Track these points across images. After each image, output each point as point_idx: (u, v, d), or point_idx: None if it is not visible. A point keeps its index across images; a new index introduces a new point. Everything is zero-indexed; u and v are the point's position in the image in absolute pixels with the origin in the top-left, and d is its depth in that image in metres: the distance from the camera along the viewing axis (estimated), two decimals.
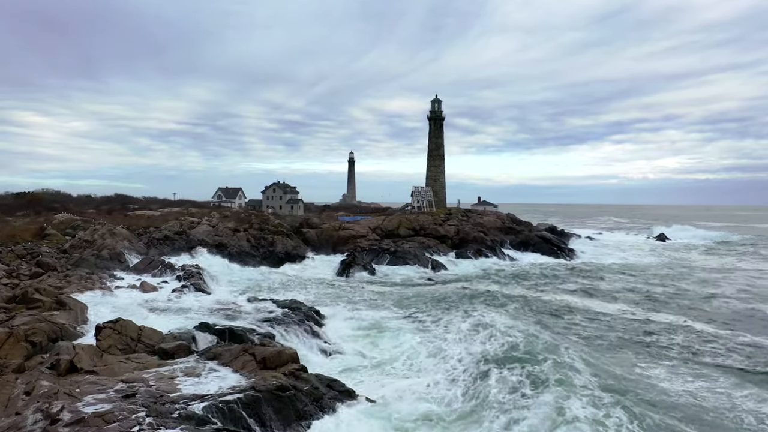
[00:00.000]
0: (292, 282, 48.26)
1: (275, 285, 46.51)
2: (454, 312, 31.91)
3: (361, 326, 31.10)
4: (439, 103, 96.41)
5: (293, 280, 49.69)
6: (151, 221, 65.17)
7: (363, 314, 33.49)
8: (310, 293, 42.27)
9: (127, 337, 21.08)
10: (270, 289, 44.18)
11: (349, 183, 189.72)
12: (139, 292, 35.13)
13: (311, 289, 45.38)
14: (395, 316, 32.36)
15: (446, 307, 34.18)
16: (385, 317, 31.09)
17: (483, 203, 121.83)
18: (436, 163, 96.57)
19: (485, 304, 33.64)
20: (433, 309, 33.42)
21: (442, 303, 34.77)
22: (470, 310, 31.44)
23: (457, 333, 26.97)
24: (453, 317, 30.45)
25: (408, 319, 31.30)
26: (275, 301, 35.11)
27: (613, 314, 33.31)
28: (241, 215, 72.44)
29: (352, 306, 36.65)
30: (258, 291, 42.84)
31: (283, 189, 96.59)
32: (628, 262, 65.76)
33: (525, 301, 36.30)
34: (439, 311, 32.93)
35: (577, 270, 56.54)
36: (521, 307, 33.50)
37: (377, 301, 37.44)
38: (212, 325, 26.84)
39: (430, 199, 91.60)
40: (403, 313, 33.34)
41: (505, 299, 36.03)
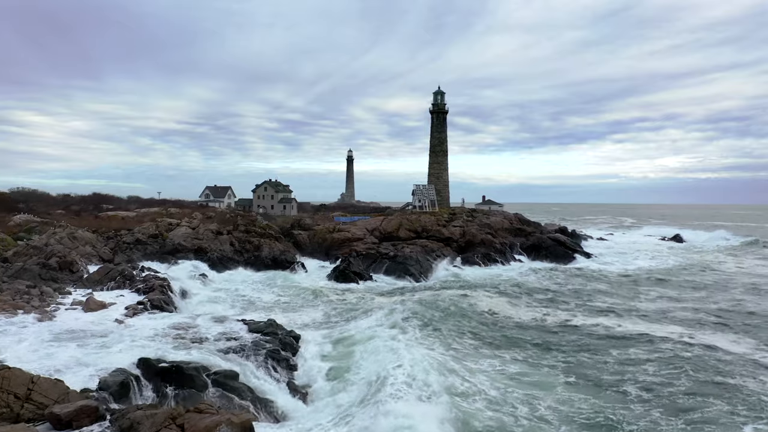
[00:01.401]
0: (276, 293, 41.87)
1: (255, 297, 40.17)
2: (457, 340, 25.47)
3: (344, 354, 24.83)
4: (442, 95, 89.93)
5: (278, 290, 43.30)
6: (124, 223, 58.82)
7: (355, 337, 27.14)
8: (294, 308, 35.87)
9: (10, 395, 14.69)
10: (248, 303, 37.83)
11: (348, 182, 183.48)
12: (80, 312, 28.73)
13: (296, 301, 39.01)
14: (388, 346, 25.97)
15: (455, 333, 27.70)
16: (378, 347, 24.64)
17: (488, 202, 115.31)
18: (438, 159, 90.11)
19: (510, 345, 26.48)
20: (434, 337, 26.91)
21: (453, 331, 28.11)
22: (481, 347, 24.89)
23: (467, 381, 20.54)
24: (465, 354, 24.00)
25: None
26: (248, 322, 28.77)
27: (675, 345, 26.33)
28: (226, 216, 66.07)
29: (342, 325, 30.27)
30: (233, 306, 36.49)
31: (275, 188, 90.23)
32: (654, 267, 59.17)
33: (548, 331, 29.52)
34: (449, 341, 26.45)
35: (601, 279, 49.97)
36: (543, 350, 26.05)
37: (371, 319, 31.02)
38: (156, 361, 20.52)
39: (433, 198, 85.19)
40: (397, 337, 26.96)
41: (523, 331, 29.13)
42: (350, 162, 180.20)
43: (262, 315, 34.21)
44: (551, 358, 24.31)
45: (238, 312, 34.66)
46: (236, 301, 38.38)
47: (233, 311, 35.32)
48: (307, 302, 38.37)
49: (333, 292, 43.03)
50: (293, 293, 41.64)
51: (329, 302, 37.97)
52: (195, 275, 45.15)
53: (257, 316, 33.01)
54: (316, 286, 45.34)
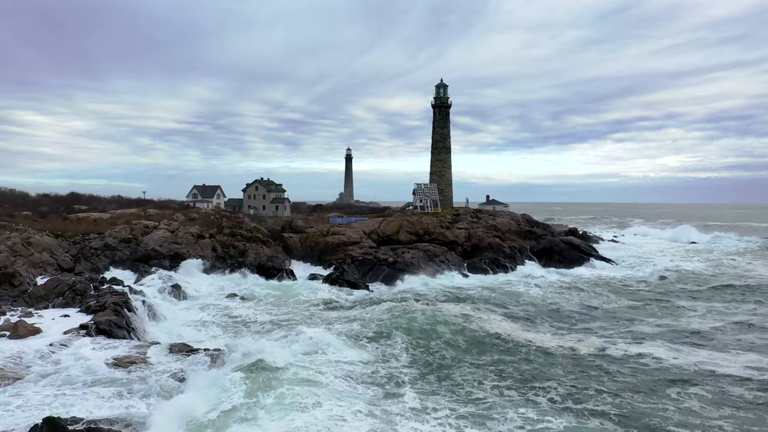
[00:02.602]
0: (258, 306, 36.31)
1: (234, 312, 34.61)
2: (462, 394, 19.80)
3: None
4: (444, 88, 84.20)
5: (260, 302, 37.76)
6: (96, 226, 53.28)
7: (334, 386, 21.57)
8: (271, 327, 30.19)
9: None
10: (222, 321, 32.29)
11: (347, 181, 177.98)
12: (4, 341, 23.19)
13: (279, 314, 33.40)
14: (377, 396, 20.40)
15: (471, 379, 22.10)
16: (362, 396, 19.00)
17: (492, 202, 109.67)
18: (441, 156, 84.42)
19: (541, 386, 20.70)
20: (444, 391, 21.27)
21: (469, 377, 22.34)
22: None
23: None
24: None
25: (391, 401, 19.17)
26: (212, 353, 23.23)
27: (750, 383, 20.55)
28: (210, 218, 60.52)
29: (327, 357, 24.74)
30: (203, 326, 30.97)
31: (267, 187, 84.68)
32: (681, 273, 53.22)
33: (585, 365, 23.68)
34: (467, 388, 20.83)
35: (629, 290, 44.24)
36: (584, 391, 19.80)
37: (360, 345, 25.49)
38: (66, 423, 15.05)
39: (435, 198, 79.60)
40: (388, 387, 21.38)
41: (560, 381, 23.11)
42: (349, 161, 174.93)
43: (238, 331, 28.85)
44: (598, 402, 18.76)
45: (207, 335, 29.17)
46: (208, 317, 32.87)
47: (204, 332, 29.88)
48: (291, 315, 32.75)
49: (322, 302, 37.54)
50: (276, 305, 36.05)
51: (317, 315, 32.38)
52: (167, 287, 39.54)
53: (234, 333, 27.64)
54: (304, 296, 39.87)
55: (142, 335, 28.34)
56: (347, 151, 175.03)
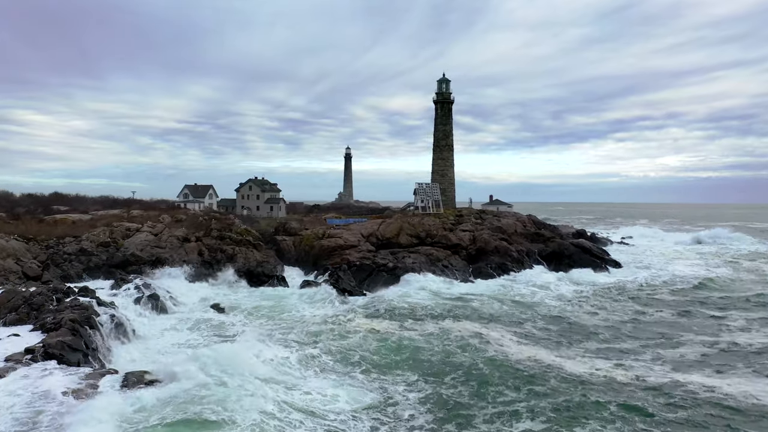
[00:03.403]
0: (245, 322, 32.53)
1: (218, 329, 30.85)
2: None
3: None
4: (447, 83, 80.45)
5: (249, 316, 33.95)
6: (74, 228, 49.51)
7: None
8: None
9: None
10: (203, 339, 28.54)
11: (346, 180, 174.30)
12: None
13: (266, 331, 29.55)
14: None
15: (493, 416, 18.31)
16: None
17: (495, 202, 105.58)
18: (443, 155, 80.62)
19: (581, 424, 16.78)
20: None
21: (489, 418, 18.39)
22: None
23: None
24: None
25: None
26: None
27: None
28: (198, 219, 56.77)
29: (308, 400, 20.96)
30: (180, 347, 27.16)
31: (261, 186, 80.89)
32: (704, 279, 49.13)
33: (626, 395, 19.51)
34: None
35: (653, 299, 40.41)
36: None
37: (355, 379, 21.68)
38: None
39: (437, 198, 75.85)
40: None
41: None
42: (348, 160, 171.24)
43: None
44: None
45: (173, 357, 25.31)
46: (197, 336, 29.05)
47: (171, 355, 26.00)
48: (277, 332, 28.94)
49: (315, 312, 33.76)
50: (264, 319, 32.24)
51: (306, 330, 28.57)
52: (143, 298, 35.75)
53: (206, 359, 23.84)
54: (296, 307, 36.12)
55: (105, 358, 24.62)
56: (347, 150, 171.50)
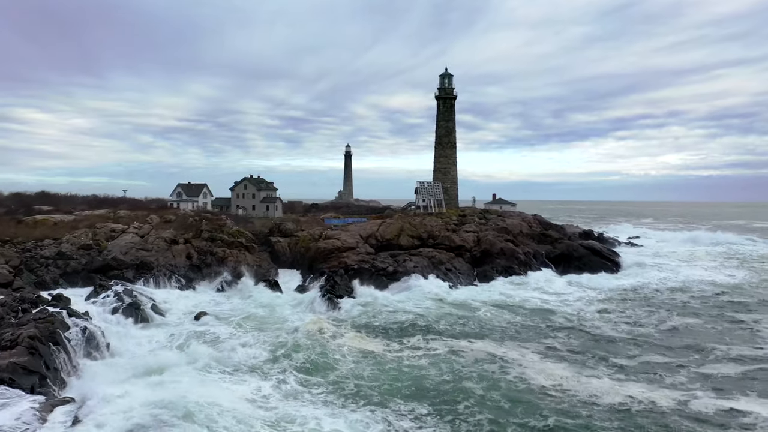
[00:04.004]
0: (233, 334, 29.68)
1: (197, 338, 28.00)
2: None
3: None
4: (449, 78, 77.49)
5: (239, 327, 31.07)
6: (55, 230, 46.70)
7: None
8: (236, 366, 23.47)
9: None
10: (180, 358, 25.65)
11: (346, 179, 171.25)
12: None
13: (254, 346, 26.68)
14: None
15: None
16: None
17: (499, 201, 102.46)
18: (446, 152, 77.69)
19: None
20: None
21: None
22: None
23: None
24: None
25: None
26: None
27: None
28: (188, 220, 53.94)
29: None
30: (147, 367, 24.21)
31: (257, 185, 78.03)
32: (726, 284, 46.20)
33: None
34: None
35: (676, 303, 37.54)
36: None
37: (354, 413, 18.78)
38: None
39: (439, 197, 72.98)
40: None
41: None
42: (348, 158, 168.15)
43: (190, 374, 22.07)
44: None
45: (170, 378, 22.44)
46: (184, 350, 26.04)
47: (156, 378, 23.13)
48: (261, 350, 26.07)
49: (308, 323, 30.88)
50: (253, 329, 29.39)
51: (294, 345, 25.71)
52: (122, 306, 32.92)
53: (180, 379, 20.98)
54: (288, 316, 33.28)
55: (68, 380, 21.83)
56: (346, 148, 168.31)
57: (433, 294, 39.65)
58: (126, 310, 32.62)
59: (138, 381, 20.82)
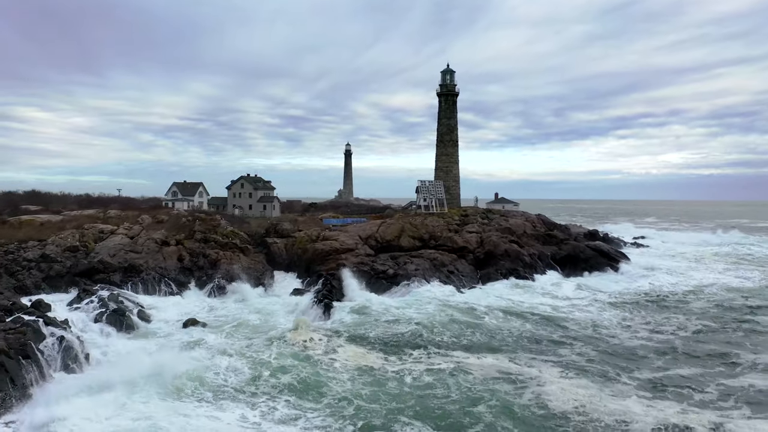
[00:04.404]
0: (223, 344, 27.74)
1: (191, 354, 26.03)
2: None
3: None
4: (451, 75, 75.47)
5: (230, 337, 29.12)
6: (41, 231, 44.77)
7: None
8: (220, 390, 21.48)
9: None
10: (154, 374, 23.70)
11: (346, 178, 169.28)
12: None
13: (237, 361, 24.65)
14: None
15: None
16: None
17: (501, 200, 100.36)
18: (448, 150, 75.73)
19: None
20: None
21: None
22: None
23: None
24: None
25: None
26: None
27: None
28: (181, 220, 51.98)
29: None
30: (135, 382, 22.27)
31: (254, 184, 76.09)
32: (746, 290, 44.06)
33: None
34: None
35: (695, 308, 35.54)
36: None
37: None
38: None
39: (441, 197, 71.02)
40: None
41: None
42: (348, 156, 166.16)
43: (170, 395, 20.15)
44: None
45: (143, 397, 20.49)
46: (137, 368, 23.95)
47: (137, 397, 21.19)
48: (245, 366, 24.09)
49: (299, 349, 28.91)
50: (243, 339, 27.46)
51: (284, 362, 23.75)
52: (107, 313, 31.00)
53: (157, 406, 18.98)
54: (281, 323, 31.28)
55: (35, 398, 19.90)
56: (346, 147, 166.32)
57: (436, 299, 37.62)
58: (110, 318, 30.75)
59: (99, 400, 18.91)
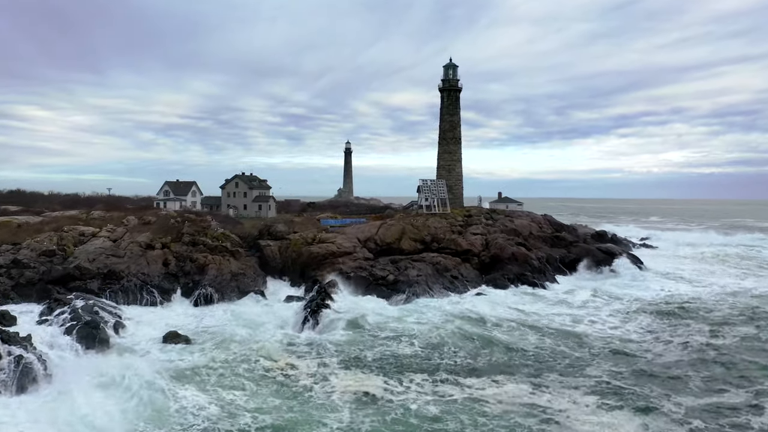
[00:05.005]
0: (203, 362, 24.87)
1: (164, 376, 23.15)
2: None
3: None
4: (454, 69, 72.45)
5: (206, 355, 26.23)
6: (15, 234, 41.89)
7: None
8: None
9: None
10: (137, 398, 20.82)
11: (346, 176, 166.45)
12: None
13: (207, 400, 21.71)
14: None
15: None
16: None
17: (505, 200, 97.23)
18: (450, 148, 72.74)
19: None
20: None
21: None
22: None
23: None
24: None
25: None
26: None
27: None
28: (169, 221, 49.07)
29: None
30: (94, 413, 19.42)
31: (249, 183, 73.19)
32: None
33: None
34: None
35: (719, 316, 32.72)
36: None
37: None
38: None
39: (444, 196, 68.09)
40: None
41: None
42: (348, 155, 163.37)
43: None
44: None
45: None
46: (129, 395, 20.98)
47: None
48: (224, 393, 21.23)
49: (295, 348, 26.03)
50: (226, 358, 24.60)
51: (271, 381, 20.85)
52: (77, 327, 28.08)
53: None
54: (269, 335, 28.39)
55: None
56: (346, 145, 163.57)
57: (440, 309, 34.71)
58: (81, 332, 27.71)
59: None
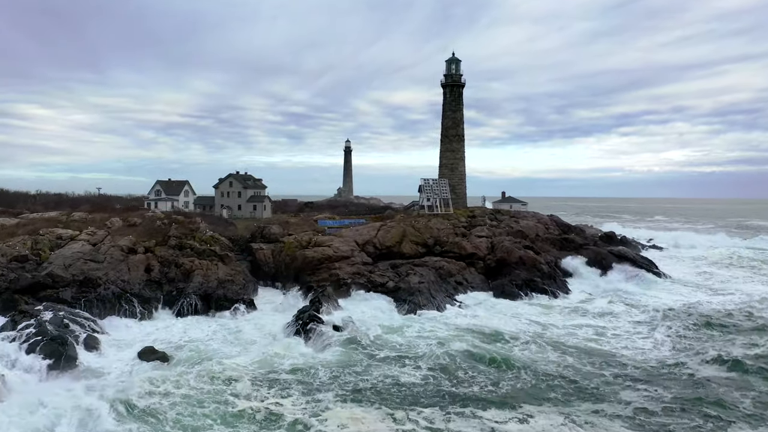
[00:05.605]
0: (181, 385, 21.98)
1: (133, 407, 20.29)
2: None
3: None
4: (457, 64, 69.48)
5: (178, 381, 23.33)
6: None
7: None
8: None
9: None
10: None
11: (346, 175, 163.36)
12: None
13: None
14: None
15: None
16: None
17: (508, 200, 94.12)
18: (453, 146, 69.75)
19: None
20: None
21: None
22: None
23: None
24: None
25: None
26: None
27: None
28: (156, 223, 46.18)
29: None
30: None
31: (243, 182, 70.29)
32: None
33: None
34: None
35: (744, 327, 29.86)
36: None
37: None
38: None
39: (446, 196, 65.16)
40: None
41: None
42: (348, 153, 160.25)
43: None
44: None
45: None
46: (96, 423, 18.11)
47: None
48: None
49: (288, 360, 23.17)
50: (210, 378, 21.72)
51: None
52: (41, 344, 25.16)
53: None
54: (258, 349, 25.43)
55: None
56: (346, 143, 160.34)
57: (447, 322, 31.74)
58: (45, 348, 24.84)
59: None
